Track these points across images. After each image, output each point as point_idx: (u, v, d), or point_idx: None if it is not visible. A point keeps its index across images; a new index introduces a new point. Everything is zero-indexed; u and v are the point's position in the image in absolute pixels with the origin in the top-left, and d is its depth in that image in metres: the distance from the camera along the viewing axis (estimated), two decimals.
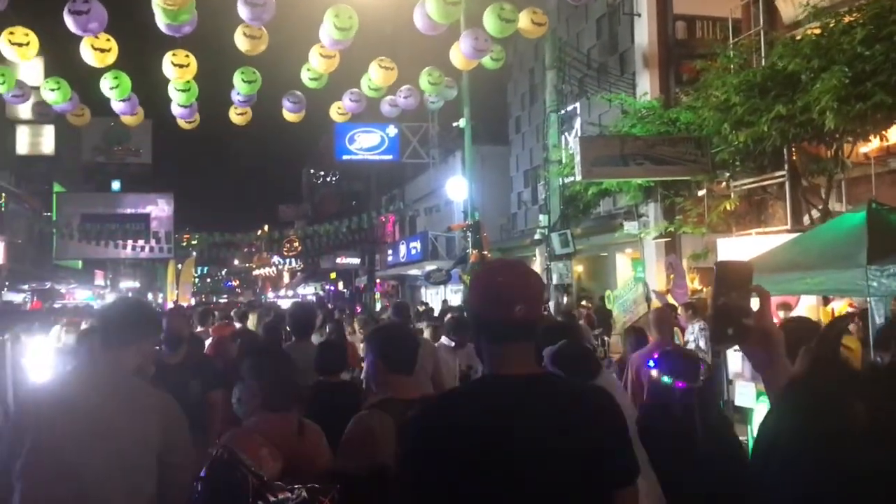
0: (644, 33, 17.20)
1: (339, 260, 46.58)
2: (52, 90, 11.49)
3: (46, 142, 37.23)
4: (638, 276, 14.29)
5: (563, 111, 16.70)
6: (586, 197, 15.56)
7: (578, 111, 20.94)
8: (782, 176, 11.68)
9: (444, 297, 30.36)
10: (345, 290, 49.68)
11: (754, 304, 1.61)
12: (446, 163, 31.10)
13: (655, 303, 13.70)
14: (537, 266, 23.83)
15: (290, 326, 6.48)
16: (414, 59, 13.27)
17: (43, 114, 13.94)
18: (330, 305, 28.07)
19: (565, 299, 15.86)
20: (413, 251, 31.30)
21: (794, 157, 11.51)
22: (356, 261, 45.36)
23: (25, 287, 31.80)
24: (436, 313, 15.00)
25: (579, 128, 20.99)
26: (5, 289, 29.03)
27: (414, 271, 31.95)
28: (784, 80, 10.08)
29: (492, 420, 1.92)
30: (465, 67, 11.82)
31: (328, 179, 60.00)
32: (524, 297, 2.05)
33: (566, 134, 17.27)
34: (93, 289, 44.67)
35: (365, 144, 31.93)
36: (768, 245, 9.03)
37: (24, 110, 35.36)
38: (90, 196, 40.05)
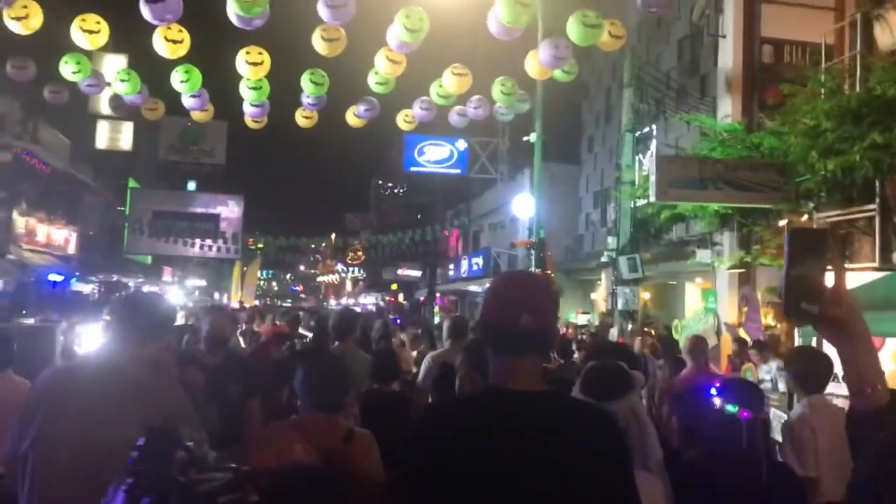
0: (728, 56, 16.50)
1: (400, 271, 46.55)
2: (123, 81, 11.52)
3: (125, 138, 38.06)
4: (709, 307, 13.61)
5: (638, 132, 16.10)
6: (658, 221, 14.94)
7: (654, 133, 20.29)
8: (872, 210, 10.88)
9: None
10: (405, 302, 49.55)
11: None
12: (514, 179, 30.69)
13: (726, 336, 13.04)
14: (602, 290, 23.21)
15: (333, 330, 6.47)
16: (485, 70, 12.90)
17: (118, 107, 14.02)
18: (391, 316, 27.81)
19: (630, 326, 15.25)
20: (475, 267, 30.91)
21: (886, 190, 10.73)
22: (418, 273, 45.20)
23: (94, 278, 32.39)
24: None
25: (654, 150, 20.33)
26: (76, 279, 29.60)
27: (474, 287, 31.52)
28: (881, 107, 9.39)
29: (485, 435, 1.88)
30: (541, 77, 11.39)
31: (396, 191, 60.22)
32: (530, 307, 2.01)
33: (640, 155, 16.65)
34: (160, 284, 45.49)
35: (434, 157, 31.78)
36: (853, 282, 8.36)
37: (105, 105, 36.35)
38: (163, 193, 40.78)
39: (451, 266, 37.51)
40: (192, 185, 45.94)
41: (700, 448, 3.55)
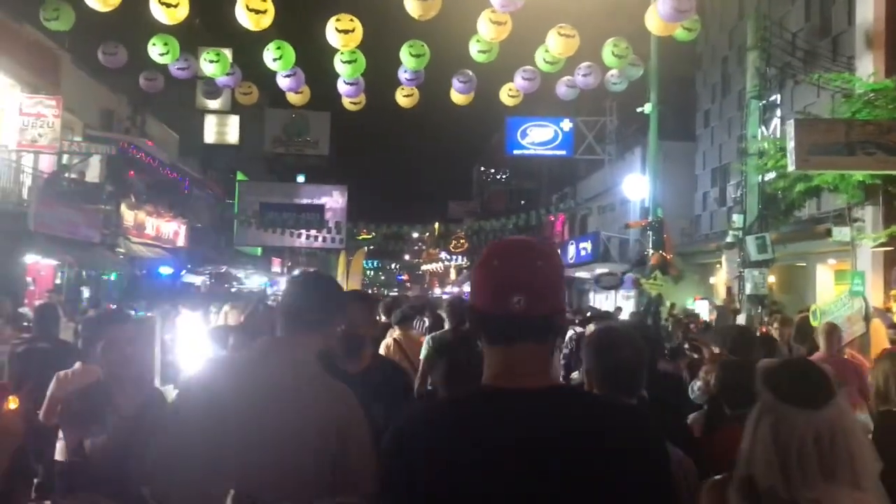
0: (868, 9, 14.77)
1: None
2: (212, 62, 11.09)
3: (232, 131, 38.69)
4: (855, 289, 12.07)
5: (764, 100, 14.57)
6: (791, 195, 13.46)
7: (779, 101, 18.61)
8: None
9: (615, 303, 28.53)
10: None
11: None
12: (623, 159, 29.26)
13: (878, 323, 11.53)
14: (723, 274, 21.62)
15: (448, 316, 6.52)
16: (593, 35, 11.77)
17: (211, 91, 13.69)
18: None
19: (760, 311, 13.88)
20: (583, 252, 29.61)
21: None
22: None
23: (204, 270, 33.01)
24: None
25: (778, 120, 18.67)
26: (185, 271, 30.17)
27: (582, 274, 30.27)
28: None
29: (472, 446, 1.60)
30: (662, 32, 10.21)
31: (498, 177, 59.31)
32: (525, 285, 1.68)
33: (764, 126, 15.08)
34: (269, 275, 46.25)
35: (537, 139, 30.74)
36: None
37: (213, 101, 37.00)
38: (269, 185, 41.39)
39: (558, 251, 36.32)
40: (301, 178, 46.52)
41: None
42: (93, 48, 12.72)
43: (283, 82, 11.78)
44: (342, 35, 9.75)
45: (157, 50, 10.89)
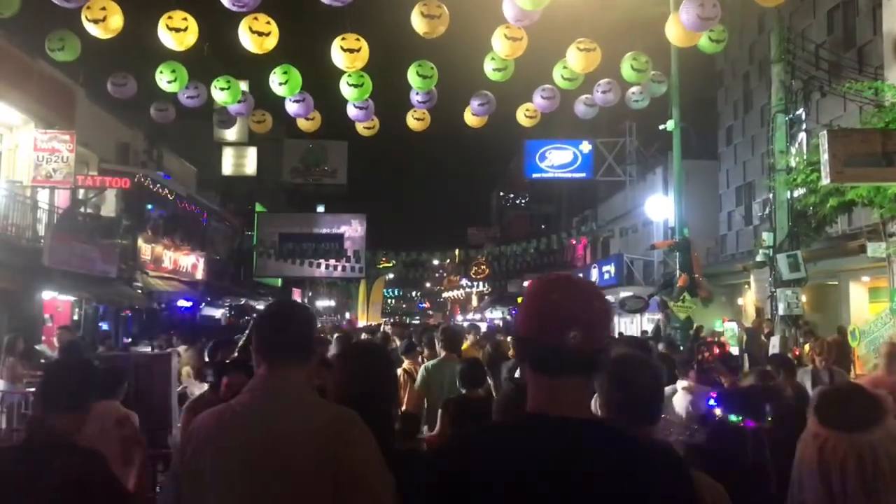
0: None
1: (526, 284, 45.09)
2: (222, 89, 10.82)
3: (249, 163, 38.70)
4: (895, 307, 11.55)
5: (792, 113, 14.10)
6: (823, 210, 12.94)
7: (804, 117, 18.16)
8: None
9: (640, 326, 27.91)
10: None
11: None
12: (644, 180, 28.82)
13: None
14: (751, 294, 21.00)
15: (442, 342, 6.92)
16: (611, 51, 11.37)
17: (224, 120, 13.44)
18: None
19: (794, 332, 13.33)
20: (606, 275, 29.08)
21: None
22: None
23: (224, 303, 32.79)
24: None
25: (804, 135, 18.19)
26: (204, 304, 29.96)
27: (607, 297, 29.70)
28: None
29: (521, 472, 1.63)
30: (684, 43, 9.79)
31: (517, 202, 59.00)
32: (582, 321, 1.74)
33: (791, 140, 14.57)
34: None
35: (556, 162, 30.40)
36: None
37: (230, 132, 37.04)
38: (288, 216, 41.25)
39: (580, 275, 35.77)
40: (321, 208, 46.46)
41: None
42: (105, 83, 12.58)
43: (291, 108, 11.50)
44: (348, 55, 9.44)
45: (164, 78, 10.65)
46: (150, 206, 23.87)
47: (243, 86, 24.54)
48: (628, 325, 29.73)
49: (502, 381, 6.32)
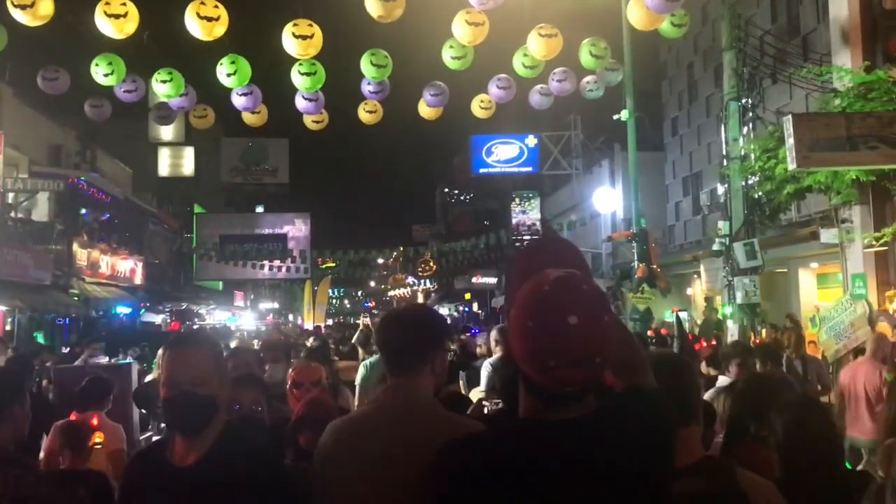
0: (842, 5, 14.40)
1: (475, 280, 45.12)
2: (164, 82, 10.18)
3: (187, 163, 37.62)
4: (857, 292, 11.54)
5: (744, 101, 14.06)
6: (779, 198, 12.92)
7: (753, 103, 18.29)
8: None
9: None
10: (480, 312, 48.03)
11: None
12: (591, 173, 28.86)
13: (884, 327, 10.96)
14: (701, 284, 21.09)
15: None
16: (566, 39, 11.10)
17: (163, 116, 12.78)
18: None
19: (753, 320, 13.32)
20: None
21: None
22: (493, 280, 43.59)
23: (164, 308, 31.77)
24: None
25: (752, 123, 18.30)
26: (144, 310, 28.94)
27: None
28: None
29: (520, 475, 1.57)
30: (647, 26, 9.54)
31: (462, 198, 58.89)
32: (560, 349, 1.56)
33: (748, 126, 14.54)
34: (232, 309, 44.99)
35: (503, 156, 30.24)
36: None
37: (167, 132, 35.91)
38: (228, 217, 40.29)
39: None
40: (260, 208, 45.50)
41: None
42: (36, 79, 11.80)
43: (238, 101, 10.94)
44: (300, 42, 8.92)
45: (100, 71, 9.97)
46: (84, 210, 22.88)
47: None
48: None
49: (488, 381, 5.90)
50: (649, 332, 15.16)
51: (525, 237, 27.69)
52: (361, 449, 2.33)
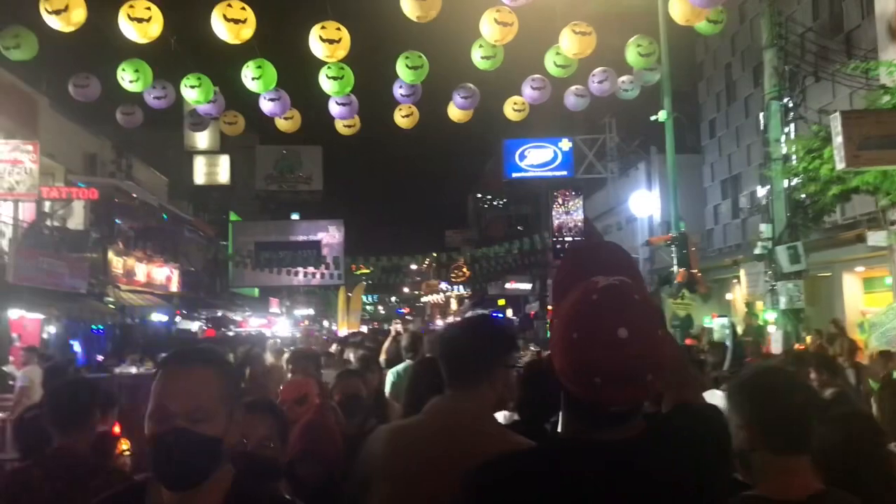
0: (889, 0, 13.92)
1: (507, 285, 44.79)
2: (192, 87, 10.09)
3: (222, 171, 37.90)
4: None
5: (786, 100, 13.64)
6: (824, 199, 12.48)
7: (793, 103, 17.82)
8: None
9: None
10: (514, 318, 47.66)
11: None
12: (626, 176, 28.39)
13: None
14: (742, 289, 20.58)
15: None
16: (600, 38, 10.81)
17: (196, 123, 12.72)
18: None
19: (798, 326, 12.90)
20: None
21: None
22: (527, 286, 43.23)
23: (200, 315, 31.93)
24: None
25: (794, 123, 17.83)
26: (179, 317, 29.09)
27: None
28: None
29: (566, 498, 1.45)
30: (689, 22, 9.22)
31: (495, 203, 58.60)
32: (603, 366, 1.43)
33: (790, 126, 14.12)
34: (268, 316, 45.15)
35: (536, 161, 29.91)
36: None
37: (202, 140, 36.19)
38: (264, 224, 40.45)
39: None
40: (296, 216, 45.68)
41: None
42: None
43: (266, 106, 10.81)
44: (327, 45, 8.76)
45: (127, 76, 9.91)
46: (120, 218, 23.05)
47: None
48: None
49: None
50: (687, 341, 14.76)
51: (568, 240, 27.31)
52: (409, 458, 2.26)
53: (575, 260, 1.87)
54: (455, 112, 12.31)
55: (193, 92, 10.19)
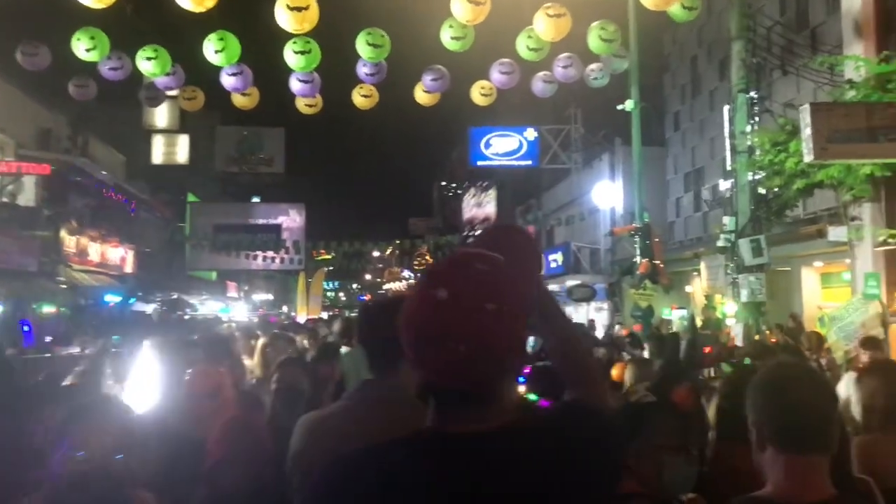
0: None
1: None
2: (149, 59, 9.69)
3: (181, 151, 37.17)
4: (870, 292, 11.11)
5: (753, 92, 13.62)
6: (788, 193, 12.48)
7: (758, 96, 17.87)
8: None
9: (587, 315, 27.51)
10: None
11: None
12: (590, 167, 28.37)
13: None
14: (702, 282, 20.67)
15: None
16: (572, 26, 10.64)
17: (152, 97, 12.30)
18: None
19: (759, 319, 12.93)
20: (553, 264, 28.55)
21: None
22: None
23: (156, 297, 31.27)
24: None
25: (758, 117, 17.89)
26: (135, 298, 28.44)
27: (554, 286, 29.22)
28: None
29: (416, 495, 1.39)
30: (661, 7, 9.10)
31: (460, 192, 58.45)
32: (422, 322, 1.43)
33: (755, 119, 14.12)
34: (225, 300, 44.49)
35: (502, 149, 29.78)
36: None
37: (161, 118, 35.42)
38: (222, 206, 39.77)
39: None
40: (256, 199, 45.03)
41: None
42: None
43: (227, 81, 10.46)
44: (294, 14, 8.44)
45: (82, 45, 9.50)
46: (74, 197, 22.41)
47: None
48: (574, 315, 29.37)
49: None
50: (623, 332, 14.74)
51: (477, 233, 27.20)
52: (325, 447, 2.07)
53: (477, 242, 1.88)
54: (422, 95, 12.08)
55: (150, 64, 9.81)
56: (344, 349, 6.53)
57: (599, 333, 17.70)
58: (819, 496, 1.86)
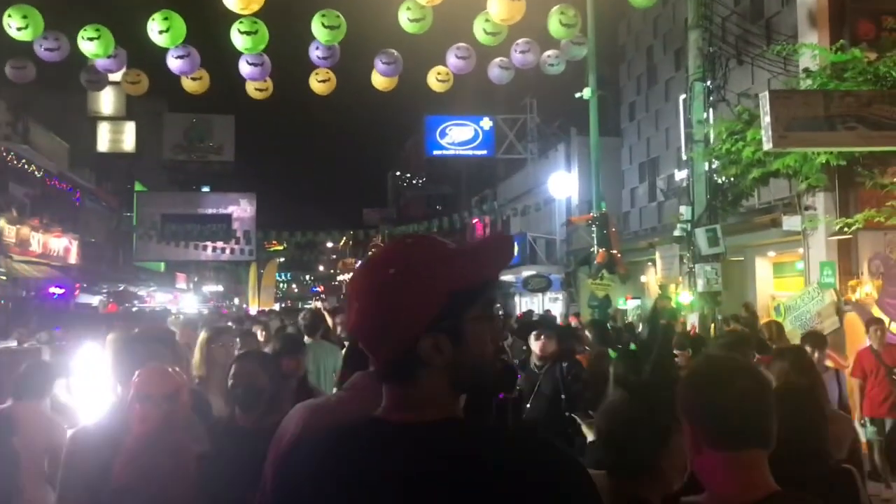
0: None
1: None
2: (91, 40, 9.19)
3: (127, 139, 36.21)
4: (825, 281, 11.14)
5: (709, 81, 13.58)
6: (744, 183, 12.47)
7: (714, 86, 17.91)
8: None
9: (542, 305, 27.50)
10: None
11: None
12: (546, 157, 28.32)
13: (852, 318, 10.61)
14: (656, 272, 20.73)
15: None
16: (528, 9, 10.41)
17: (94, 81, 11.76)
18: None
19: (714, 309, 12.94)
20: None
21: None
22: None
23: (101, 289, 30.45)
24: None
25: (714, 106, 17.93)
26: (79, 291, 27.63)
27: (510, 277, 29.15)
28: None
29: (353, 484, 1.35)
30: None
31: (414, 182, 58.08)
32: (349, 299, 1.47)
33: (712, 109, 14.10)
34: (174, 292, 43.62)
35: (457, 139, 29.60)
36: None
37: (106, 105, 34.40)
38: (171, 195, 38.85)
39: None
40: (205, 189, 44.12)
41: None
42: None
43: (174, 63, 10.01)
44: None
45: (14, 24, 8.96)
46: (15, 184, 21.60)
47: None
48: (528, 305, 29.34)
49: None
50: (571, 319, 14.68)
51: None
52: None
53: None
54: (378, 79, 11.76)
55: (92, 45, 9.31)
56: (307, 340, 6.26)
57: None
58: (758, 494, 1.73)
